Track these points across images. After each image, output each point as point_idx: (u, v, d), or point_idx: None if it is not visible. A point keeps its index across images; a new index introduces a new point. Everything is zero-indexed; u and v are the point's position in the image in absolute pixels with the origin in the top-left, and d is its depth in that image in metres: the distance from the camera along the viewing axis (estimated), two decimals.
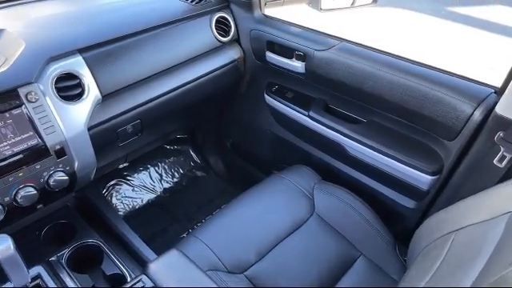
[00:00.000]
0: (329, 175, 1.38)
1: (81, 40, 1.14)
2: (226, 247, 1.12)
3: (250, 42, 1.50)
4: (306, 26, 1.40)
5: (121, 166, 1.90)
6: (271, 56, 1.44)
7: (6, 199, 0.99)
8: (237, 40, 1.53)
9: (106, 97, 1.16)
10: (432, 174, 1.13)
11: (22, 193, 1.00)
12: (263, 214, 1.23)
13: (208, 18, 1.43)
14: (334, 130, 1.32)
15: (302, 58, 1.34)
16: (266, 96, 1.56)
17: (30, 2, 1.30)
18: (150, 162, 2.02)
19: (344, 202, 1.26)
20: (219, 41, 1.46)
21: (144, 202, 1.93)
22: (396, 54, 1.19)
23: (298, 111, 1.43)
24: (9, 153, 0.98)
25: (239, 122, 1.84)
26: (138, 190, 1.95)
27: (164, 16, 1.33)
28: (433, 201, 1.18)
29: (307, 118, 1.40)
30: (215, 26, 1.45)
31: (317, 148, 1.50)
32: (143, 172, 1.99)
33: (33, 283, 1.01)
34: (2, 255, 0.86)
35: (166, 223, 1.83)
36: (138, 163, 1.98)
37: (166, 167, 2.06)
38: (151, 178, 2.00)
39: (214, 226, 1.19)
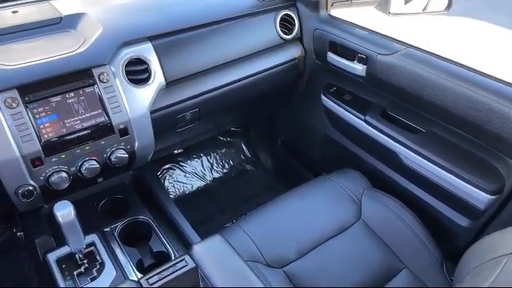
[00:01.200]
0: (379, 182, 1.35)
1: (151, 28, 1.21)
2: (268, 241, 1.14)
3: (313, 41, 1.50)
4: (372, 28, 1.37)
5: (176, 151, 1.98)
6: (332, 57, 1.43)
7: (72, 169, 1.08)
8: (299, 38, 1.54)
9: (170, 83, 1.22)
10: (491, 193, 1.07)
11: (86, 165, 1.09)
12: (308, 214, 1.23)
13: (273, 14, 1.45)
14: (390, 137, 1.29)
15: (364, 60, 1.31)
16: (322, 97, 1.55)
17: None
18: (203, 150, 2.09)
19: (393, 211, 1.23)
20: (282, 38, 1.47)
21: (194, 188, 2.00)
22: (463, 63, 1.13)
23: (354, 114, 1.41)
24: (79, 127, 1.06)
25: (293, 120, 1.85)
26: (189, 177, 2.02)
27: (231, 10, 1.36)
28: (489, 221, 1.12)
29: (363, 123, 1.38)
30: (279, 23, 1.46)
31: (369, 154, 1.47)
32: (196, 160, 2.06)
33: (87, 249, 1.09)
34: (63, 219, 0.94)
35: (212, 211, 1.89)
36: (192, 151, 2.05)
37: (218, 157, 2.12)
38: (203, 166, 2.06)
39: (258, 218, 1.21)
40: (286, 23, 1.49)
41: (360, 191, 1.30)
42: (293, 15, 1.49)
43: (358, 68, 1.34)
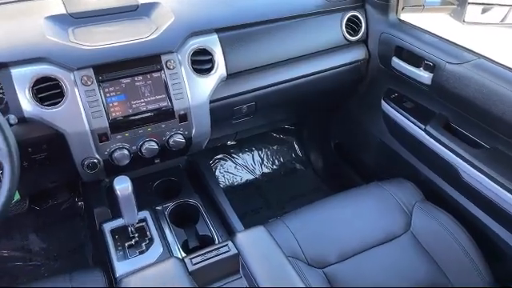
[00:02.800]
0: (433, 196, 1.30)
1: (219, 21, 1.25)
2: (311, 240, 1.14)
3: (379, 44, 1.46)
4: (443, 35, 1.32)
5: (229, 143, 2.04)
6: (397, 62, 1.39)
7: (133, 148, 1.15)
8: (364, 41, 1.51)
9: (231, 75, 1.25)
10: None
11: (146, 145, 1.15)
12: (354, 218, 1.21)
13: (340, 15, 1.44)
14: (451, 150, 1.23)
15: (431, 68, 1.26)
16: (382, 102, 1.51)
17: None
18: (255, 145, 2.12)
19: (445, 227, 1.18)
20: (346, 39, 1.45)
21: (242, 180, 2.04)
22: None
23: (414, 123, 1.37)
24: (143, 109, 1.13)
25: (349, 123, 1.82)
26: (239, 169, 2.07)
27: (298, 8, 1.37)
28: None
29: (423, 133, 1.33)
30: (345, 24, 1.44)
31: (426, 165, 1.41)
32: (247, 153, 2.10)
33: (139, 224, 1.16)
34: (121, 193, 1.01)
35: (258, 205, 1.92)
36: (245, 144, 2.09)
37: (269, 153, 2.14)
38: (253, 160, 2.10)
39: (303, 216, 1.21)
40: (352, 24, 1.47)
41: (412, 202, 1.26)
42: (360, 17, 1.46)
43: (424, 75, 1.29)
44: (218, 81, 1.22)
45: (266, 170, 2.10)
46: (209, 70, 1.21)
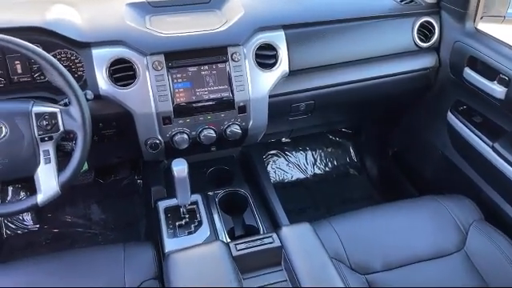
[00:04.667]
0: (493, 217, 1.22)
1: (288, 17, 1.27)
2: (356, 244, 1.12)
3: (451, 53, 1.40)
4: None
5: (284, 139, 2.05)
6: (469, 73, 1.32)
7: (193, 133, 1.21)
8: (436, 48, 1.45)
9: (292, 72, 1.26)
10: None
11: (205, 132, 1.20)
12: (405, 229, 1.18)
13: (413, 20, 1.39)
14: None
15: (506, 83, 1.19)
16: (449, 114, 1.45)
17: None
18: (309, 145, 2.11)
19: (502, 251, 1.10)
20: (417, 45, 1.40)
21: (293, 178, 2.05)
22: None
23: (481, 139, 1.29)
24: (206, 97, 1.18)
25: (410, 133, 1.75)
26: (291, 167, 2.07)
27: (370, 9, 1.35)
28: None
29: (490, 150, 1.25)
30: (417, 29, 1.39)
31: (489, 184, 1.33)
32: (301, 152, 2.10)
33: (190, 206, 1.21)
34: (178, 174, 1.07)
35: (306, 205, 1.92)
36: (299, 143, 2.10)
37: (323, 155, 2.12)
38: (306, 160, 2.10)
39: (351, 220, 1.20)
40: (425, 30, 1.41)
41: (469, 221, 1.19)
42: (434, 23, 1.40)
43: (497, 90, 1.21)
44: (279, 76, 1.24)
45: (317, 171, 2.09)
46: (272, 65, 1.23)
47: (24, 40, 0.92)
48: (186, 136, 1.19)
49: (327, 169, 2.11)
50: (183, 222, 1.18)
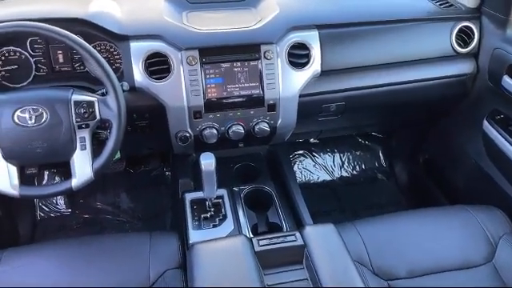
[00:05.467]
0: None
1: (322, 17, 1.26)
2: (380, 249, 1.10)
3: (490, 60, 1.35)
4: None
5: (312, 140, 2.04)
6: (509, 82, 1.27)
7: (222, 129, 1.22)
8: (474, 54, 1.40)
9: (324, 72, 1.26)
10: None
11: (233, 128, 1.22)
12: (432, 237, 1.15)
13: (452, 24, 1.35)
14: None
15: None
16: (485, 123, 1.40)
17: None
18: (338, 147, 2.10)
19: None
20: (455, 50, 1.36)
21: (319, 180, 2.04)
22: None
23: None
24: (236, 94, 1.19)
25: (443, 140, 1.71)
26: (318, 168, 2.06)
27: (408, 12, 1.33)
28: None
29: None
30: (456, 34, 1.36)
31: None
32: (329, 154, 2.09)
33: (216, 200, 1.23)
34: (205, 168, 1.09)
35: (331, 207, 1.90)
36: (327, 144, 2.08)
37: (351, 158, 2.10)
38: (333, 162, 2.08)
39: (376, 224, 1.18)
40: (464, 35, 1.37)
41: (499, 233, 1.15)
42: (473, 28, 1.36)
43: None
44: (311, 76, 1.24)
45: (344, 174, 2.07)
46: (304, 65, 1.23)
47: (66, 31, 0.96)
48: (215, 131, 1.21)
49: (355, 172, 2.09)
50: (208, 215, 1.20)
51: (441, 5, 1.39)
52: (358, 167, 2.09)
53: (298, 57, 1.23)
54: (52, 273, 1.02)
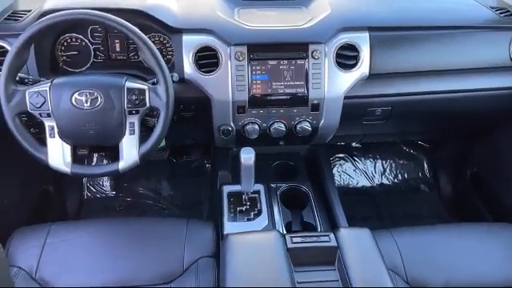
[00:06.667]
0: None
1: (374, 19, 1.25)
2: (416, 260, 1.07)
3: None
4: None
5: (354, 144, 2.01)
6: None
7: (264, 125, 1.24)
8: None
9: (372, 75, 1.24)
10: None
11: (275, 125, 1.23)
12: (473, 253, 1.10)
13: (511, 34, 1.29)
14: None
15: None
16: None
17: None
18: (380, 153, 2.05)
19: None
20: None
21: (358, 185, 2.00)
22: None
23: None
24: (281, 91, 1.20)
25: (493, 154, 1.63)
26: (358, 173, 2.03)
27: (464, 18, 1.28)
28: None
29: None
30: None
31: None
32: (370, 159, 2.04)
33: (252, 194, 1.25)
34: (245, 162, 1.11)
35: (369, 214, 1.86)
36: (370, 149, 2.04)
37: (393, 165, 2.04)
38: (375, 168, 2.03)
39: (414, 234, 1.15)
40: None
41: None
42: None
43: None
44: (358, 78, 1.22)
45: (385, 182, 2.02)
46: (352, 66, 1.22)
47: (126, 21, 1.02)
48: (257, 127, 1.23)
49: (396, 180, 2.03)
50: (244, 209, 1.22)
51: (501, 13, 1.33)
52: (400, 176, 2.03)
53: (347, 58, 1.22)
54: (94, 248, 1.09)
